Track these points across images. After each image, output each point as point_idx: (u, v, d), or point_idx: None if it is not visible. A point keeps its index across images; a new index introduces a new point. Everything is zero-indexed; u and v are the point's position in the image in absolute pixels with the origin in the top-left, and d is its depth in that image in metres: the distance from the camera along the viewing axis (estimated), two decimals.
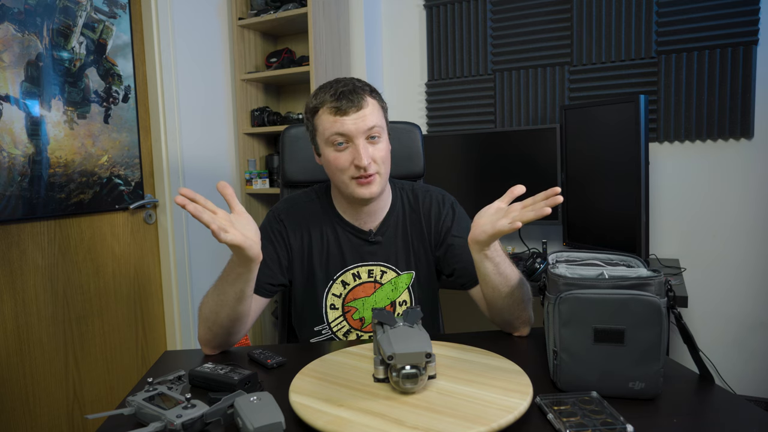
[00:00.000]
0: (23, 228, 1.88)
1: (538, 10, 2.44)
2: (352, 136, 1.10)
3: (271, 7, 2.60)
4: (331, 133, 1.11)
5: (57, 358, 1.98)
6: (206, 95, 2.57)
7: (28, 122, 1.86)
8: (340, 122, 1.09)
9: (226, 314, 1.03)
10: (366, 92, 1.13)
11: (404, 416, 0.74)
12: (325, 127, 1.12)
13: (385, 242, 1.22)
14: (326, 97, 1.11)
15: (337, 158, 1.12)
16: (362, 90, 1.12)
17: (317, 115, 1.14)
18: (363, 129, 1.10)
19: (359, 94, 1.11)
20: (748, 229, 2.18)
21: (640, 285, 0.81)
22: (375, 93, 1.16)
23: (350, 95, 1.10)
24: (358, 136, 1.09)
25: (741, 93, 2.12)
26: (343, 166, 1.11)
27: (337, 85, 1.12)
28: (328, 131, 1.11)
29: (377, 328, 0.91)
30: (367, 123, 1.10)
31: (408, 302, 1.23)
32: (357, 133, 1.09)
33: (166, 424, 0.72)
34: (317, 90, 1.15)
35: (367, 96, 1.12)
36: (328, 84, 1.15)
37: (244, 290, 1.01)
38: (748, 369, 2.20)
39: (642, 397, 0.82)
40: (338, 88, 1.11)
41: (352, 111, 1.09)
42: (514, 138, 2.36)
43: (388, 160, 1.17)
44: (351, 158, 1.10)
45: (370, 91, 1.15)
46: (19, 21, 1.83)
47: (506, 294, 1.06)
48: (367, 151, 1.10)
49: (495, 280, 1.05)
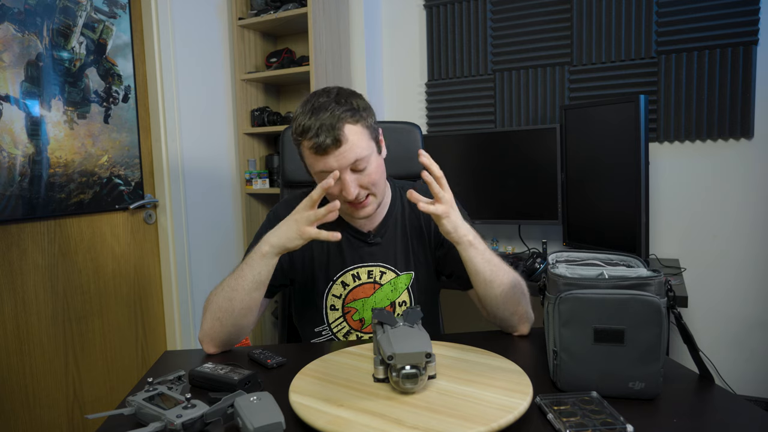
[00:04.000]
0: (23, 228, 1.88)
1: (538, 10, 2.44)
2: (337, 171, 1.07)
3: (271, 7, 2.60)
4: (316, 171, 1.10)
5: (57, 358, 1.98)
6: (206, 95, 2.57)
7: (28, 122, 1.86)
8: (323, 161, 1.06)
9: (240, 300, 1.06)
10: (344, 121, 1.04)
11: (404, 416, 0.74)
12: (310, 163, 1.11)
13: (384, 243, 1.22)
14: (306, 134, 1.05)
15: None
16: (341, 120, 1.04)
17: (301, 147, 1.11)
18: (345, 164, 1.06)
19: (337, 128, 1.03)
20: (748, 229, 2.18)
21: (640, 285, 0.81)
22: (356, 115, 1.07)
23: (328, 132, 1.03)
24: (342, 170, 1.06)
25: (741, 93, 2.12)
26: (334, 195, 1.11)
27: (316, 115, 1.04)
28: (313, 168, 1.10)
29: (377, 328, 0.91)
30: (349, 158, 1.05)
31: (408, 303, 1.23)
32: (341, 168, 1.06)
33: (166, 424, 0.72)
34: (297, 113, 1.09)
35: (346, 125, 1.05)
36: (307, 108, 1.07)
37: (262, 273, 1.06)
38: (748, 369, 2.20)
39: (642, 397, 0.82)
40: (315, 121, 1.04)
41: (332, 149, 1.04)
42: (514, 138, 2.36)
43: (382, 177, 1.14)
44: (340, 189, 1.09)
45: (352, 115, 1.06)
46: (19, 21, 1.83)
47: (498, 284, 1.07)
48: (354, 184, 1.08)
49: (484, 268, 1.07)
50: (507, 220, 2.42)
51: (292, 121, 1.12)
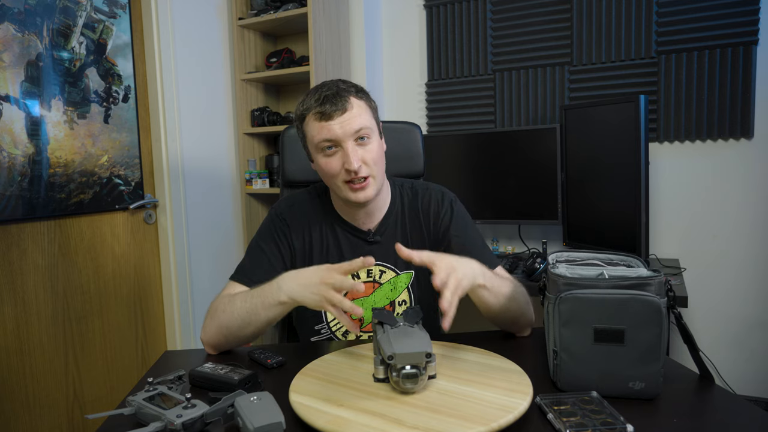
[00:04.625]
0: (23, 228, 1.88)
1: (538, 10, 2.44)
2: (339, 140, 1.08)
3: (271, 7, 2.60)
4: (319, 140, 1.09)
5: (57, 357, 1.98)
6: (206, 95, 2.57)
7: (28, 122, 1.86)
8: (326, 128, 1.08)
9: (252, 332, 1.06)
10: (351, 93, 1.10)
11: (404, 416, 0.74)
12: (312, 133, 1.11)
13: (384, 241, 1.22)
14: (311, 103, 1.09)
15: (328, 163, 1.11)
16: (346, 92, 1.09)
17: (305, 122, 1.12)
18: (350, 132, 1.08)
19: (343, 96, 1.08)
20: (748, 228, 2.18)
21: (640, 285, 0.81)
22: (362, 93, 1.13)
23: (334, 99, 1.07)
24: (346, 140, 1.08)
25: (741, 93, 2.12)
26: (335, 171, 1.10)
27: (322, 89, 1.10)
28: (316, 138, 1.10)
29: (377, 328, 0.91)
30: (354, 125, 1.08)
31: (407, 302, 1.23)
32: (345, 137, 1.08)
33: (167, 423, 0.72)
34: (303, 96, 1.14)
35: (352, 97, 1.09)
36: (313, 89, 1.12)
37: (277, 318, 1.04)
38: (748, 369, 2.20)
39: (642, 397, 0.82)
40: (322, 92, 1.08)
41: (337, 115, 1.07)
42: (514, 138, 2.36)
43: (382, 160, 1.15)
44: (341, 162, 1.09)
45: (356, 91, 1.12)
46: (19, 21, 1.83)
47: (506, 308, 1.07)
48: (356, 154, 1.08)
49: (493, 302, 1.03)
50: (507, 220, 2.42)
51: (298, 106, 1.14)
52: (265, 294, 1.03)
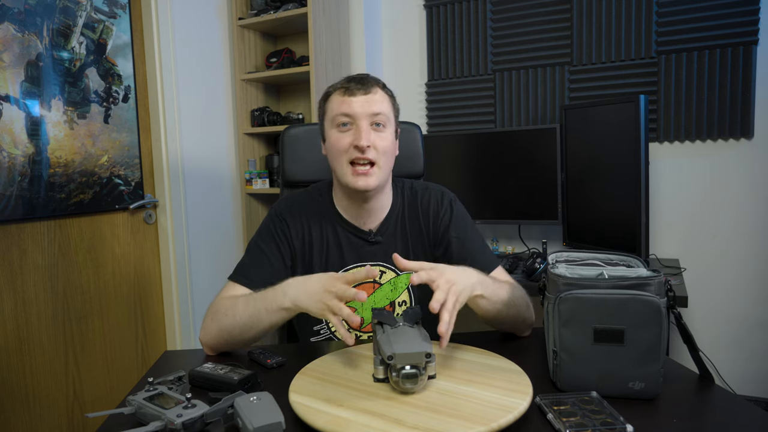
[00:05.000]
0: (23, 228, 1.88)
1: (538, 10, 2.44)
2: (356, 117, 1.11)
3: (271, 7, 2.60)
4: (337, 113, 1.13)
5: (57, 357, 1.98)
6: (206, 95, 2.57)
7: (28, 122, 1.86)
8: (347, 102, 1.12)
9: (254, 335, 1.06)
10: (378, 84, 1.17)
11: (404, 416, 0.74)
12: (332, 107, 1.15)
13: (384, 242, 1.22)
14: (339, 83, 1.17)
15: (339, 139, 1.13)
16: (375, 81, 1.16)
17: (328, 100, 1.18)
18: (369, 112, 1.12)
19: (370, 82, 1.15)
20: (748, 229, 2.18)
21: (640, 285, 0.81)
22: (388, 90, 1.20)
23: (362, 80, 1.15)
24: (362, 118, 1.11)
25: (741, 93, 2.12)
26: (343, 146, 1.12)
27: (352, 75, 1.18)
28: (335, 111, 1.14)
29: (377, 328, 0.91)
30: (374, 108, 1.12)
31: (408, 302, 1.23)
32: (362, 115, 1.11)
33: (167, 423, 0.72)
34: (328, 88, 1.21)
35: (378, 87, 1.16)
36: None
37: (279, 323, 1.04)
38: (748, 369, 2.20)
39: (642, 397, 0.82)
40: (352, 76, 1.16)
41: (360, 93, 1.13)
42: (514, 138, 2.36)
43: (392, 154, 1.17)
44: (352, 140, 1.11)
45: (383, 86, 1.18)
46: (19, 21, 1.83)
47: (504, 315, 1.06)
48: (369, 134, 1.11)
49: (491, 309, 1.03)
50: (507, 220, 2.42)
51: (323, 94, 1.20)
52: (269, 299, 1.03)
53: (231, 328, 1.05)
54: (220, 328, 1.06)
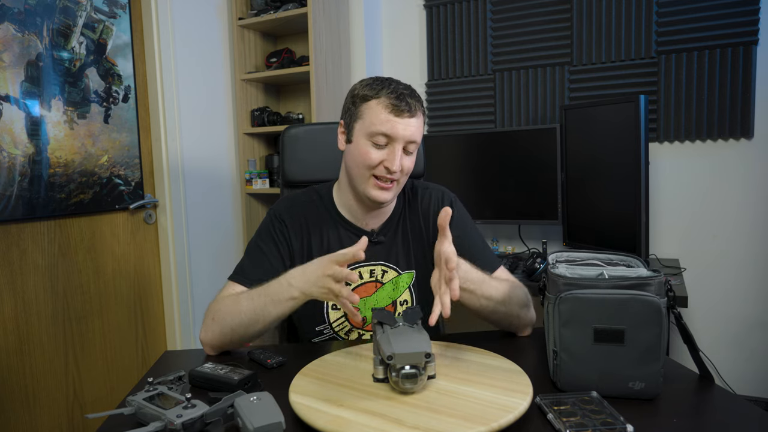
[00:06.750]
0: (23, 228, 1.88)
1: (538, 10, 2.44)
2: (395, 139, 1.10)
3: (271, 7, 2.60)
4: (377, 130, 1.09)
5: (57, 357, 1.98)
6: (206, 95, 2.57)
7: (28, 122, 1.86)
8: (392, 123, 1.09)
9: (259, 330, 1.06)
10: (419, 104, 1.13)
11: (404, 416, 0.74)
12: (373, 120, 1.10)
13: (387, 241, 1.22)
14: (384, 92, 1.10)
15: (369, 153, 1.11)
16: (417, 101, 1.12)
17: (367, 104, 1.12)
18: (407, 137, 1.10)
19: (415, 104, 1.11)
20: (748, 229, 2.18)
21: (640, 285, 0.81)
22: (423, 107, 1.16)
23: (409, 99, 1.10)
24: (399, 141, 1.10)
25: (741, 93, 2.12)
26: (373, 162, 1.11)
27: (397, 85, 1.12)
28: (376, 126, 1.10)
29: (377, 328, 0.91)
30: (414, 134, 1.11)
31: (409, 302, 1.23)
32: (402, 139, 1.10)
33: (167, 423, 0.72)
34: (369, 80, 1.14)
35: (419, 108, 1.13)
36: (383, 78, 1.14)
37: (286, 313, 1.04)
38: (748, 369, 2.20)
39: (642, 397, 0.82)
40: (398, 88, 1.10)
41: (406, 116, 1.09)
42: (514, 138, 2.36)
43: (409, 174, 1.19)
44: (382, 158, 1.11)
45: (422, 106, 1.15)
46: (19, 21, 1.83)
47: (496, 310, 1.08)
48: (400, 159, 1.11)
49: (475, 303, 1.06)
50: (507, 220, 2.42)
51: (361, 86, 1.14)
52: (274, 291, 1.04)
53: (235, 325, 1.06)
54: (224, 326, 1.06)
